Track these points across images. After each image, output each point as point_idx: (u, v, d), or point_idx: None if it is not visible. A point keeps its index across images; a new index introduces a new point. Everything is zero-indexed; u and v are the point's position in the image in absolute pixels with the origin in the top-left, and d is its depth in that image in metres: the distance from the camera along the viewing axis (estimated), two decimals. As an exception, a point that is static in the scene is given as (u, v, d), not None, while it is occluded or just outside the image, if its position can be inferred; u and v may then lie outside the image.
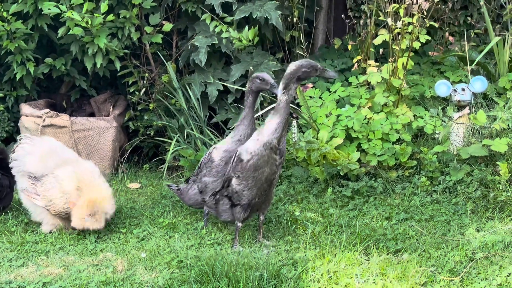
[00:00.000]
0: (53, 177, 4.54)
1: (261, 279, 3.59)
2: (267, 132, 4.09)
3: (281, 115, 4.08)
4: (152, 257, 4.06)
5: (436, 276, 3.67)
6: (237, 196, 4.22)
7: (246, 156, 4.11)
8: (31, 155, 4.67)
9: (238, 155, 4.17)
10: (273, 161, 4.14)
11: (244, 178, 4.16)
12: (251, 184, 4.17)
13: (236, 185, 4.20)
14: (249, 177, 4.15)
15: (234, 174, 4.19)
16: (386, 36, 5.43)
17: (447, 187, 4.98)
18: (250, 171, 4.13)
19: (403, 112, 5.42)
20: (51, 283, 3.66)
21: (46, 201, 4.52)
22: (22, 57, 5.85)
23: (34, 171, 4.61)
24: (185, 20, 6.34)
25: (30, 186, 4.62)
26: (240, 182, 4.18)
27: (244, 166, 4.13)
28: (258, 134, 4.12)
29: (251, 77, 4.48)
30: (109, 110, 6.39)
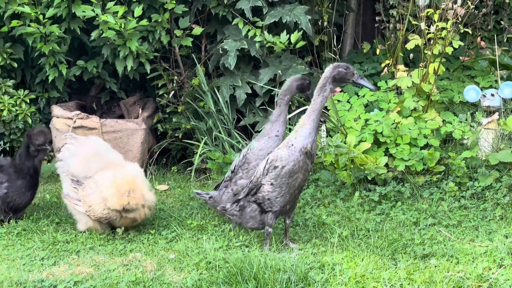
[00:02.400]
0: (94, 182, 4.59)
1: (289, 281, 3.61)
2: (302, 137, 4.04)
3: (315, 118, 4.06)
4: (180, 258, 4.11)
5: (464, 282, 3.66)
6: (269, 203, 4.15)
7: (281, 163, 4.05)
8: (75, 157, 4.70)
9: (271, 162, 4.09)
10: (306, 167, 4.11)
11: (278, 185, 4.10)
12: (284, 191, 4.12)
13: (268, 192, 4.13)
14: (283, 184, 4.10)
15: (266, 182, 4.12)
16: (418, 41, 5.41)
17: (476, 192, 4.97)
18: (285, 177, 4.07)
19: (432, 117, 5.41)
20: (82, 282, 3.72)
21: (86, 207, 4.58)
22: (54, 59, 5.95)
23: (77, 173, 4.65)
24: (214, 24, 6.40)
25: (72, 191, 4.66)
26: (274, 189, 4.11)
27: (278, 173, 4.07)
28: (292, 139, 4.07)
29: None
30: (138, 113, 6.46)
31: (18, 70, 6.34)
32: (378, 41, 6.39)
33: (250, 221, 4.29)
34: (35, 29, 5.74)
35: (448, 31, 5.25)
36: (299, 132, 4.06)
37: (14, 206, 4.88)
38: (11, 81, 6.16)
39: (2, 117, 6.03)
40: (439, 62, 5.38)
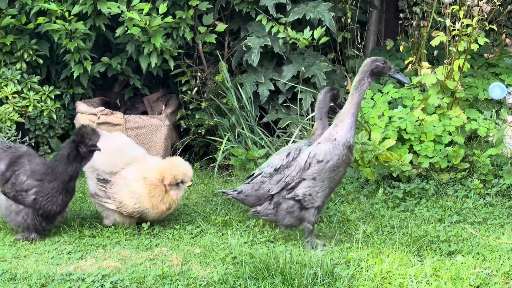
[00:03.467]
0: (121, 178, 4.63)
1: (315, 276, 3.62)
2: (344, 131, 4.06)
3: (355, 112, 4.07)
4: (206, 253, 4.13)
5: (491, 279, 3.65)
6: (310, 198, 4.14)
7: (325, 157, 4.06)
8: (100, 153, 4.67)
9: (313, 156, 4.09)
10: (348, 160, 4.13)
11: (320, 180, 4.10)
12: (325, 186, 4.12)
13: (309, 187, 4.12)
14: (326, 178, 4.10)
15: (308, 176, 4.13)
16: (443, 38, 5.39)
17: (501, 190, 4.94)
18: (328, 172, 4.08)
19: (456, 114, 5.39)
20: (109, 276, 3.76)
21: (117, 203, 4.60)
22: (79, 56, 5.99)
23: (102, 168, 4.66)
24: (238, 20, 6.41)
25: (99, 189, 4.66)
26: (315, 184, 4.11)
27: (322, 167, 4.08)
28: (333, 134, 4.08)
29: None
30: (162, 109, 6.50)
31: (44, 67, 6.40)
32: (402, 38, 6.37)
33: (286, 217, 4.26)
34: (61, 26, 5.79)
35: (473, 28, 5.22)
36: (340, 127, 4.07)
37: (45, 213, 4.47)
38: (37, 77, 6.22)
39: (28, 113, 6.09)
40: (464, 59, 5.36)
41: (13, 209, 4.50)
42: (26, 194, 4.45)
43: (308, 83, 6.21)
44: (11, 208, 4.51)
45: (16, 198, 4.47)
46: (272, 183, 4.39)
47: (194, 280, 3.72)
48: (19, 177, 4.49)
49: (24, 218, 4.47)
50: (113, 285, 3.66)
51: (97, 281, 3.69)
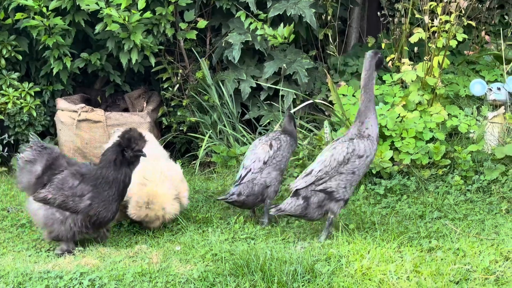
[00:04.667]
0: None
1: (295, 273, 3.61)
2: (374, 127, 4.23)
3: (374, 106, 4.25)
4: (186, 250, 4.11)
5: (471, 274, 3.65)
6: (344, 191, 4.22)
7: (366, 153, 4.20)
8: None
9: (352, 151, 4.18)
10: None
11: (358, 174, 4.22)
12: (358, 179, 4.27)
13: (347, 180, 4.20)
14: (362, 172, 4.26)
15: (346, 171, 4.19)
16: (422, 34, 5.40)
17: (481, 186, 4.95)
18: (366, 166, 4.24)
19: (437, 111, 5.40)
20: (88, 273, 3.72)
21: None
22: (59, 52, 5.94)
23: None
24: (219, 17, 6.38)
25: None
26: (353, 178, 4.22)
27: (363, 162, 4.20)
28: (363, 130, 4.21)
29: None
30: (143, 106, 6.45)
31: (23, 63, 6.33)
32: (383, 35, 6.37)
33: (317, 211, 4.27)
34: (39, 21, 5.73)
35: (451, 24, 5.23)
36: (368, 123, 4.23)
37: (98, 220, 4.18)
38: (16, 74, 6.15)
39: (7, 110, 6.03)
40: (444, 55, 5.36)
41: (57, 218, 4.13)
42: (80, 199, 4.13)
43: (290, 80, 6.19)
44: (54, 217, 4.13)
45: (65, 204, 4.12)
46: (264, 176, 4.56)
47: (174, 277, 3.69)
48: (68, 181, 4.15)
49: (71, 226, 4.14)
50: (92, 282, 3.62)
51: (75, 278, 3.65)
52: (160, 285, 3.60)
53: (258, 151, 4.68)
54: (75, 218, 4.13)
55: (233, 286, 3.56)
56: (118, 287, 3.59)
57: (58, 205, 4.12)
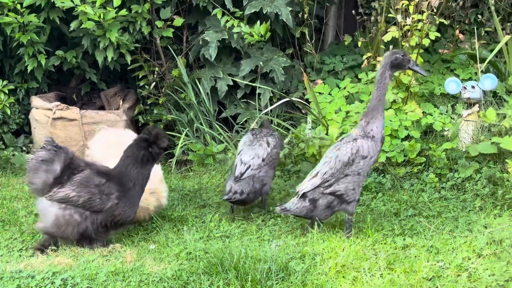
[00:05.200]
0: None
1: (269, 271, 3.60)
2: (379, 128, 4.21)
3: (383, 106, 4.20)
4: (161, 249, 4.09)
5: (444, 271, 3.67)
6: (353, 192, 4.22)
7: (370, 153, 4.19)
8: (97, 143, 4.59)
9: (356, 152, 4.16)
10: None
11: (363, 174, 4.22)
12: (364, 179, 4.30)
13: (354, 181, 4.19)
14: (366, 173, 4.26)
15: (352, 172, 4.18)
16: (395, 33, 5.43)
17: (456, 184, 4.99)
18: (369, 167, 4.23)
19: (412, 109, 5.42)
20: (60, 273, 3.68)
21: None
22: (33, 49, 5.89)
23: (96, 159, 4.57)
24: (196, 15, 6.36)
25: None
26: (359, 179, 4.21)
27: (367, 163, 4.20)
28: (368, 131, 4.19)
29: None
30: (119, 104, 6.42)
31: (-3, 61, 6.28)
32: (360, 34, 6.39)
33: (324, 212, 4.26)
34: (13, 18, 5.67)
35: (424, 22, 5.26)
36: (373, 124, 4.19)
37: (121, 220, 4.15)
38: (-11, 72, 6.10)
39: (-20, 108, 5.97)
40: (417, 54, 5.39)
41: (76, 219, 4.05)
42: (108, 198, 4.08)
43: (267, 78, 6.19)
44: (72, 219, 4.04)
45: (90, 202, 4.05)
46: (263, 173, 4.63)
47: (147, 276, 3.67)
48: (93, 179, 4.09)
49: (87, 225, 4.07)
50: (64, 282, 3.59)
51: (47, 278, 3.62)
52: (133, 284, 3.58)
53: (256, 147, 4.71)
54: (95, 218, 4.09)
55: (207, 284, 3.55)
56: (91, 286, 3.56)
57: (81, 204, 4.05)
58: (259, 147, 4.70)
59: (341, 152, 4.19)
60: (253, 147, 4.71)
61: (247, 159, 4.65)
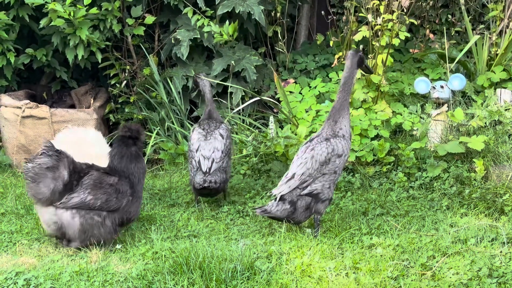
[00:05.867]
0: None
1: (234, 270, 3.60)
2: (348, 127, 4.28)
3: (348, 106, 4.30)
4: (127, 249, 4.07)
5: (409, 270, 3.70)
6: (328, 191, 4.25)
7: (344, 152, 4.26)
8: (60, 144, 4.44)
9: (332, 151, 4.20)
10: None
11: (339, 173, 4.27)
12: (339, 177, 4.40)
13: (330, 180, 4.23)
14: (341, 171, 4.33)
15: (329, 171, 4.22)
16: (366, 33, 5.46)
17: (424, 183, 5.02)
18: (343, 164, 4.29)
19: (382, 109, 5.45)
20: (24, 273, 3.66)
21: None
22: (2, 47, 5.83)
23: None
24: (167, 13, 6.34)
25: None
26: (335, 177, 4.26)
27: (342, 161, 4.26)
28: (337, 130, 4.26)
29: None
30: (90, 102, 6.37)
31: (-35, 58, 6.19)
32: (332, 33, 6.41)
33: (303, 214, 4.27)
34: (-18, 16, 5.62)
35: (394, 22, 5.29)
36: (341, 123, 4.27)
37: (133, 217, 4.19)
38: (-42, 69, 6.02)
39: None
40: (387, 54, 5.42)
41: (96, 221, 4.00)
42: (123, 195, 4.08)
43: (239, 77, 6.19)
44: (94, 221, 4.00)
45: (108, 202, 4.02)
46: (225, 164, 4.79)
47: (112, 276, 3.65)
48: (105, 179, 4.06)
49: (108, 225, 4.05)
50: (27, 282, 3.56)
51: (10, 278, 3.59)
52: (97, 284, 3.56)
53: (212, 141, 4.85)
54: (113, 217, 4.07)
55: (171, 284, 3.54)
56: (54, 286, 3.54)
57: (99, 205, 4.00)
58: (214, 140, 4.85)
59: (316, 152, 4.21)
60: (209, 141, 4.86)
61: (208, 153, 4.78)
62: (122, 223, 4.14)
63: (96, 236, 4.03)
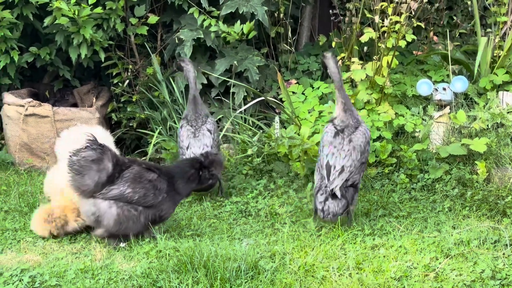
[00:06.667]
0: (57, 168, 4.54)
1: (239, 270, 3.62)
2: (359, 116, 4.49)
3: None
4: (131, 247, 4.08)
5: (412, 271, 3.72)
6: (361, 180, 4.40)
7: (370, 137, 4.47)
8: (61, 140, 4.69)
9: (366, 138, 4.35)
10: None
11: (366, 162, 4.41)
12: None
13: (362, 170, 4.36)
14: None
15: (365, 158, 4.36)
16: (372, 34, 5.47)
17: (426, 185, 5.04)
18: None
19: (385, 110, 5.47)
20: (29, 270, 3.67)
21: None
22: (6, 45, 5.83)
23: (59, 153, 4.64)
24: (170, 13, 6.35)
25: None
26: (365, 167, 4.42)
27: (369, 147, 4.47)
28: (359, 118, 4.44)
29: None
30: (92, 101, 6.39)
31: (-31, 56, 6.20)
32: (334, 34, 6.43)
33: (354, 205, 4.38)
34: (-14, 14, 5.63)
35: (401, 24, 5.30)
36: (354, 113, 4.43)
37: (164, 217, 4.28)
38: (-39, 67, 6.02)
39: (-49, 103, 5.90)
40: (393, 55, 5.44)
41: (133, 215, 4.09)
42: (159, 192, 4.16)
43: (241, 77, 6.20)
44: (131, 213, 4.09)
45: (145, 197, 4.11)
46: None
47: (117, 274, 3.67)
48: (145, 174, 4.15)
49: (143, 220, 4.13)
50: (32, 279, 3.57)
51: (15, 275, 3.60)
52: (102, 282, 3.57)
53: (201, 137, 5.01)
54: (147, 212, 4.14)
55: (176, 282, 3.56)
56: (59, 283, 3.55)
57: (136, 199, 4.08)
58: (203, 137, 5.02)
59: (355, 142, 4.32)
60: (198, 138, 5.03)
61: (199, 151, 4.92)
62: (154, 220, 4.19)
63: (130, 229, 4.10)
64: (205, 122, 5.12)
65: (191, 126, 5.12)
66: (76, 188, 4.04)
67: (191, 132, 5.09)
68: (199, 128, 5.09)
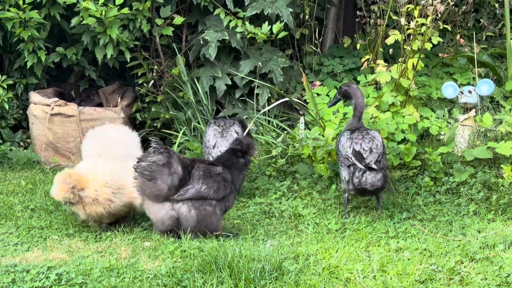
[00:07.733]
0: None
1: (263, 270, 3.62)
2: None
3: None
4: (155, 246, 4.11)
5: (436, 275, 3.69)
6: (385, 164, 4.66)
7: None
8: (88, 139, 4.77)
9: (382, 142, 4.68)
10: None
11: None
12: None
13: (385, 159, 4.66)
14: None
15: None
16: (398, 36, 5.44)
17: (450, 188, 5.01)
18: None
19: (409, 112, 5.44)
20: (55, 268, 3.70)
21: None
22: (33, 45, 5.91)
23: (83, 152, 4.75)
24: (196, 14, 6.38)
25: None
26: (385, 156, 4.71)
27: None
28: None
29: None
30: (117, 101, 6.44)
31: (-4, 55, 6.29)
32: (359, 36, 6.41)
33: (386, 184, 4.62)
34: (14, 14, 5.69)
35: (427, 27, 5.28)
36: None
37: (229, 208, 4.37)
38: (-11, 66, 6.11)
39: (-21, 102, 5.98)
40: (418, 58, 5.41)
41: (209, 211, 4.18)
42: (228, 184, 4.25)
43: (265, 79, 6.21)
44: (206, 212, 4.17)
45: (217, 190, 4.19)
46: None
47: (142, 273, 3.69)
48: (212, 170, 4.24)
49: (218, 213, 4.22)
50: (59, 277, 3.60)
51: (42, 272, 3.64)
52: (127, 280, 3.60)
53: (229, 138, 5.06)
54: (220, 205, 4.24)
55: (200, 282, 3.57)
56: (85, 281, 3.58)
57: (212, 194, 4.17)
58: (231, 137, 5.04)
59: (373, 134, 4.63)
60: (226, 138, 5.07)
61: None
62: (225, 210, 4.29)
63: (209, 226, 4.18)
64: (233, 124, 5.19)
65: (218, 126, 5.18)
66: (150, 193, 4.08)
67: (218, 132, 5.14)
68: (227, 129, 5.14)
